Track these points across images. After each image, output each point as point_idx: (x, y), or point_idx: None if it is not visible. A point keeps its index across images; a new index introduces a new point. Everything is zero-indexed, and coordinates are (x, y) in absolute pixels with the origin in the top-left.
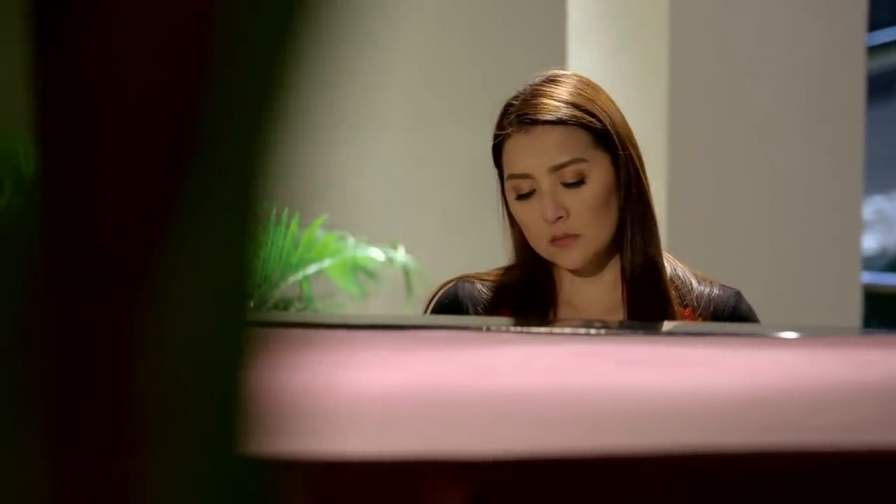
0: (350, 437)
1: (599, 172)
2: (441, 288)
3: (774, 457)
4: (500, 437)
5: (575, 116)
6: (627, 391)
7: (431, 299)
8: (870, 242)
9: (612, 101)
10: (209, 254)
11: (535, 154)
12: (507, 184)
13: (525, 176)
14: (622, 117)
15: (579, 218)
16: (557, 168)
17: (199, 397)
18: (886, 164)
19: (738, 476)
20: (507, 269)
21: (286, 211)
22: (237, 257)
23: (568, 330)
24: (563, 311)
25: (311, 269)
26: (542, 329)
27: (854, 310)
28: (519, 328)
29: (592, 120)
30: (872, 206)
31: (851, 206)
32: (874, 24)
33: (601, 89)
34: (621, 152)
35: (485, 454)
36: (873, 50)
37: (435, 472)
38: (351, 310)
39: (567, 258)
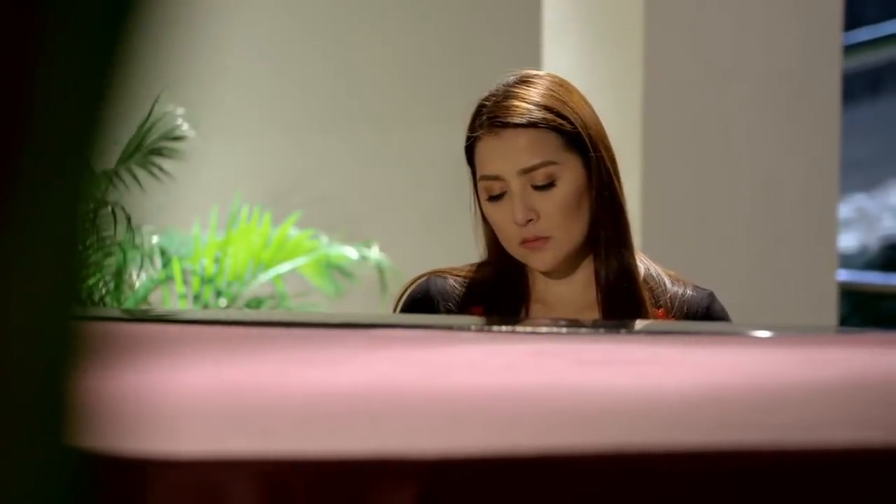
0: (300, 436)
1: (570, 175)
2: (413, 282)
3: (729, 455)
4: (453, 437)
5: (546, 119)
6: (583, 390)
7: (403, 293)
8: (850, 241)
9: (585, 102)
10: (37, 254)
11: (505, 157)
12: (479, 185)
13: (496, 178)
14: (595, 118)
15: (549, 220)
16: (527, 171)
17: (25, 392)
18: (868, 163)
19: (692, 475)
20: (480, 266)
21: (258, 209)
22: (65, 258)
23: (530, 329)
24: (535, 310)
25: (285, 267)
26: (504, 328)
27: (830, 308)
28: (480, 327)
29: (563, 122)
30: (853, 205)
31: (827, 205)
32: (859, 21)
33: (575, 90)
34: (593, 154)
35: (435, 453)
36: (858, 47)
37: (385, 471)
38: (325, 308)
39: (538, 260)
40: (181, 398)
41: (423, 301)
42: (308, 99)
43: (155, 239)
